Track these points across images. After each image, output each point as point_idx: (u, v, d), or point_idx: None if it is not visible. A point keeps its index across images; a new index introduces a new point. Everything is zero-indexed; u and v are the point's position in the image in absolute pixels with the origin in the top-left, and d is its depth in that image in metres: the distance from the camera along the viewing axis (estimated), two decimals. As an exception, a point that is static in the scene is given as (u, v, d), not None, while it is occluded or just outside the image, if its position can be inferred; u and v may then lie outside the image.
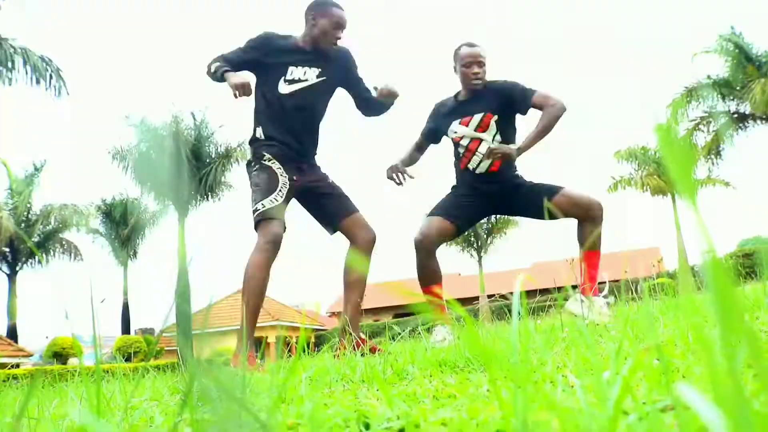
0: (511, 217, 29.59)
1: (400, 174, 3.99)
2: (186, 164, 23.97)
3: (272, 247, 3.41)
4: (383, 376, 1.52)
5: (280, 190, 3.48)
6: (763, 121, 22.35)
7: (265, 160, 3.54)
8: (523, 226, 30.79)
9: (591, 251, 3.59)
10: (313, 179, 3.66)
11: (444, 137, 4.06)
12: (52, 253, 29.87)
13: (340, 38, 3.61)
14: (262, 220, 3.42)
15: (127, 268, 33.77)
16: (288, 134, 3.60)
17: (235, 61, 3.59)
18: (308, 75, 3.61)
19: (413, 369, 1.59)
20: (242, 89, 3.38)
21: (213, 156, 25.55)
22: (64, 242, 30.25)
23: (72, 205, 29.59)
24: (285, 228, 3.48)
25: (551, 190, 3.68)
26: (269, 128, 3.62)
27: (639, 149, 27.38)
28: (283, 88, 3.58)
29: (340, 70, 3.71)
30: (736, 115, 22.81)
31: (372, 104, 3.83)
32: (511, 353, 1.28)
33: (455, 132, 3.88)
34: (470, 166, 3.87)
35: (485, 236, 30.79)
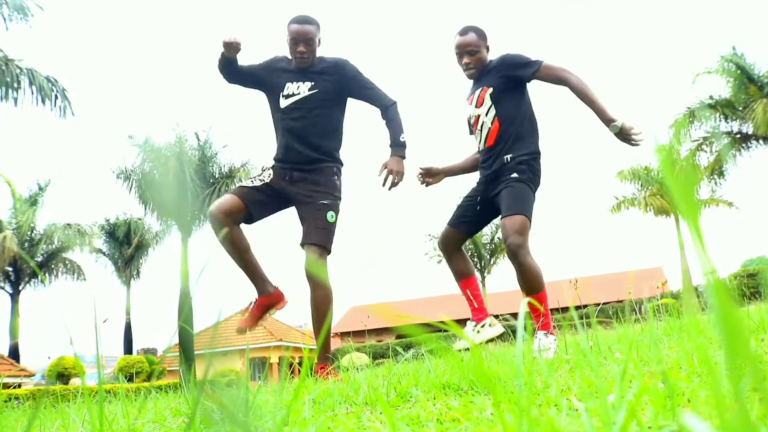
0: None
1: (428, 178, 4.04)
2: (190, 184, 24.03)
3: (229, 201, 3.63)
4: (386, 399, 1.51)
5: (256, 178, 3.77)
6: (766, 142, 22.38)
7: (264, 168, 3.85)
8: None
9: (528, 295, 3.40)
10: (299, 190, 3.71)
11: None
12: (55, 272, 29.89)
13: (303, 51, 3.71)
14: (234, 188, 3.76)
15: (129, 288, 33.79)
16: (285, 143, 3.77)
17: (245, 66, 3.87)
18: (301, 89, 3.76)
19: (417, 391, 1.58)
20: (232, 41, 3.65)
21: (217, 176, 25.63)
22: (67, 262, 30.27)
23: (75, 224, 29.66)
24: (248, 212, 3.66)
25: (507, 209, 3.50)
26: (276, 141, 3.86)
27: (642, 169, 27.41)
28: (282, 103, 3.78)
29: (332, 82, 3.76)
30: (738, 136, 22.85)
31: (384, 108, 3.90)
32: (515, 376, 1.27)
33: (467, 114, 3.87)
34: (479, 146, 3.82)
35: (488, 256, 30.76)
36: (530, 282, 3.35)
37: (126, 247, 33.20)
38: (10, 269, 28.14)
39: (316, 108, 3.74)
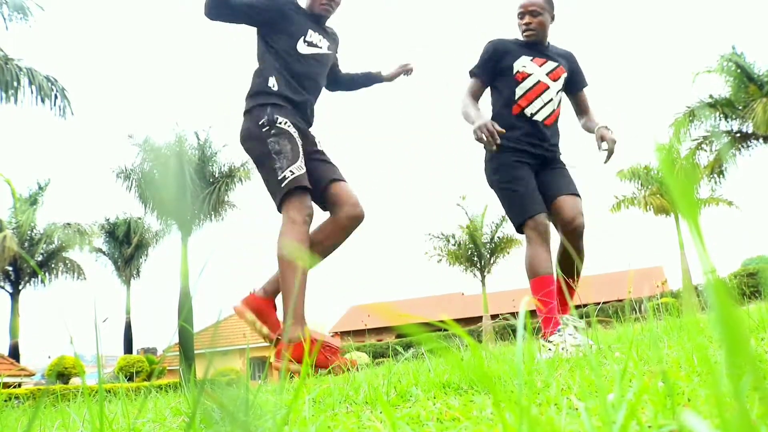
0: (513, 237, 29.59)
1: (494, 133, 3.08)
2: (189, 184, 24.04)
3: (310, 221, 3.17)
4: (387, 398, 1.51)
5: (303, 158, 3.26)
6: (766, 141, 22.39)
7: (281, 124, 3.28)
8: (522, 248, 30.70)
9: (576, 279, 3.29)
10: (310, 147, 3.46)
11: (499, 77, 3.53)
12: (55, 272, 29.89)
13: (329, 2, 3.55)
14: (295, 189, 3.14)
15: (129, 287, 33.79)
16: (303, 96, 3.44)
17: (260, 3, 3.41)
18: (322, 43, 3.57)
19: (417, 391, 1.58)
20: None
21: (216, 176, 25.64)
22: (67, 261, 30.27)
23: (75, 224, 29.65)
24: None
25: (571, 187, 3.37)
26: (284, 85, 3.39)
27: (642, 168, 27.41)
28: (303, 49, 3.46)
29: (335, 49, 3.77)
30: (738, 135, 22.85)
31: (339, 80, 3.93)
32: (515, 375, 1.27)
33: (524, 67, 3.45)
34: (528, 111, 3.42)
35: (488, 256, 30.74)
36: (581, 267, 3.27)
37: (126, 246, 33.21)
38: (10, 269, 28.14)
39: (326, 69, 3.67)
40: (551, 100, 3.47)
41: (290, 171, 3.14)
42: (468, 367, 1.67)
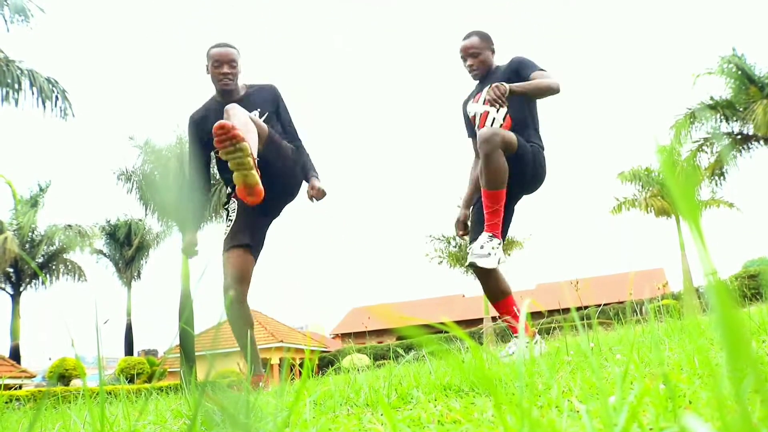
0: (514, 239, 29.61)
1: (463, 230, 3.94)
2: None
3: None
4: (387, 400, 1.51)
5: (237, 231, 3.74)
6: (766, 142, 22.38)
7: (230, 209, 3.84)
8: (526, 247, 30.75)
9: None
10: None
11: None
12: (55, 273, 29.91)
13: (227, 72, 3.62)
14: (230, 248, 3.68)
15: (130, 289, 33.80)
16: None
17: (199, 164, 3.91)
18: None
19: (418, 393, 1.58)
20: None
21: (217, 177, 25.63)
22: (68, 263, 30.29)
23: (76, 225, 29.66)
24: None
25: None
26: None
27: (643, 170, 27.41)
28: None
29: (272, 105, 3.75)
30: (739, 137, 22.84)
31: (295, 142, 3.84)
32: (516, 378, 1.27)
33: (470, 112, 3.84)
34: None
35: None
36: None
37: (127, 248, 33.24)
38: (11, 270, 28.16)
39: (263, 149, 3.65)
40: (494, 119, 3.67)
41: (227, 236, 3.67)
42: (469, 369, 1.67)
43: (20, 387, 20.89)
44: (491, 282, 3.49)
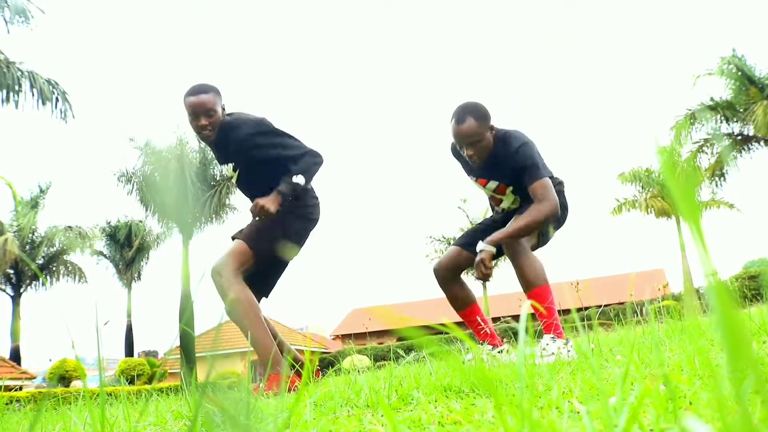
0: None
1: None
2: (190, 187, 24.05)
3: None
4: (388, 402, 1.51)
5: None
6: (767, 143, 22.38)
7: None
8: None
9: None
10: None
11: None
12: (56, 275, 29.91)
13: (205, 125, 3.44)
14: None
15: (131, 290, 33.81)
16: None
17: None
18: (227, 171, 3.69)
19: (418, 394, 1.58)
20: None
21: (217, 178, 25.65)
22: (68, 264, 30.29)
23: (76, 227, 29.67)
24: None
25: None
26: None
27: (643, 171, 27.41)
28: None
29: (246, 159, 3.55)
30: (739, 138, 22.84)
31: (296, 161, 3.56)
32: (517, 379, 1.27)
33: (478, 188, 3.71)
34: (497, 217, 3.74)
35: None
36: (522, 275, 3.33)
37: (127, 249, 33.25)
38: (12, 272, 28.16)
39: (251, 179, 3.63)
40: (508, 207, 3.67)
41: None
42: (469, 370, 1.67)
43: (20, 388, 20.89)
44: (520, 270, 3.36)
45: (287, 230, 3.57)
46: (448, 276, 3.72)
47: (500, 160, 3.43)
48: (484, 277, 3.32)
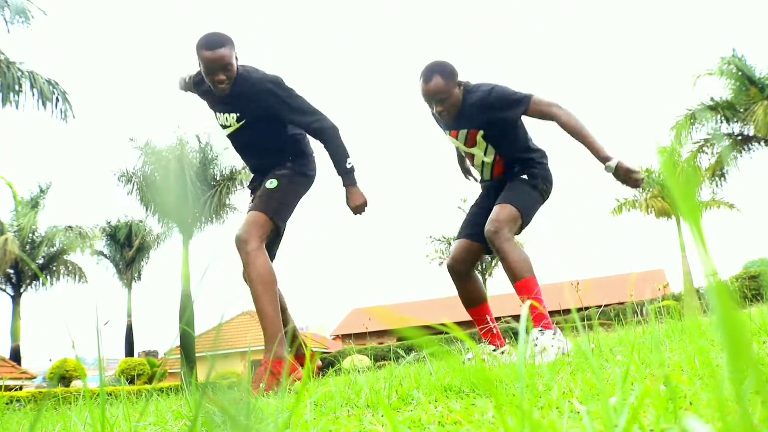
0: (516, 240, 29.60)
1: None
2: (191, 187, 24.05)
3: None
4: (388, 402, 1.51)
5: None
6: (767, 143, 22.37)
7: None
8: (527, 249, 30.74)
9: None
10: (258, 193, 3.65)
11: None
12: (56, 275, 29.91)
13: (223, 79, 3.37)
14: None
15: (131, 290, 33.81)
16: (244, 160, 3.85)
17: (188, 83, 3.77)
18: (229, 120, 3.56)
19: (418, 394, 1.58)
20: None
21: (218, 178, 25.65)
22: (68, 264, 30.30)
23: (77, 227, 29.67)
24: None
25: (501, 199, 3.43)
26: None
27: (643, 171, 27.38)
28: (221, 130, 3.67)
29: (258, 109, 3.46)
30: (739, 138, 22.83)
31: (315, 135, 3.56)
32: (517, 379, 1.27)
33: (449, 141, 3.69)
34: (475, 177, 3.86)
35: (490, 259, 30.73)
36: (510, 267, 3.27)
37: (127, 249, 33.25)
38: (12, 272, 28.16)
39: (253, 134, 3.56)
40: (483, 162, 3.62)
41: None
42: (469, 370, 1.67)
43: (21, 388, 20.89)
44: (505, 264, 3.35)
45: (297, 198, 3.62)
46: (464, 270, 3.64)
47: (471, 107, 3.44)
48: (639, 182, 3.17)
